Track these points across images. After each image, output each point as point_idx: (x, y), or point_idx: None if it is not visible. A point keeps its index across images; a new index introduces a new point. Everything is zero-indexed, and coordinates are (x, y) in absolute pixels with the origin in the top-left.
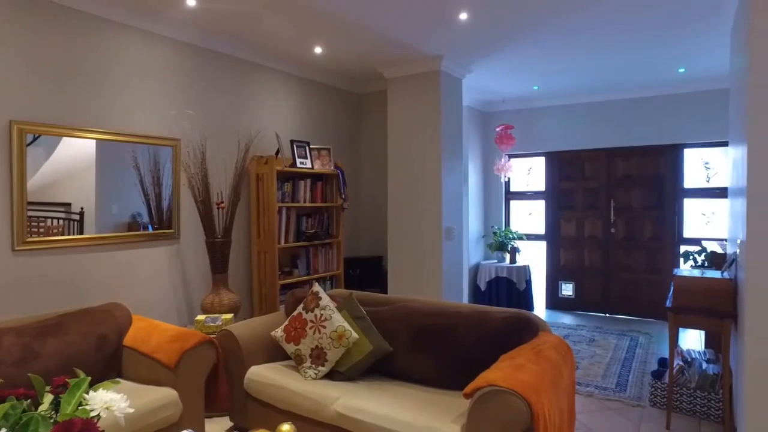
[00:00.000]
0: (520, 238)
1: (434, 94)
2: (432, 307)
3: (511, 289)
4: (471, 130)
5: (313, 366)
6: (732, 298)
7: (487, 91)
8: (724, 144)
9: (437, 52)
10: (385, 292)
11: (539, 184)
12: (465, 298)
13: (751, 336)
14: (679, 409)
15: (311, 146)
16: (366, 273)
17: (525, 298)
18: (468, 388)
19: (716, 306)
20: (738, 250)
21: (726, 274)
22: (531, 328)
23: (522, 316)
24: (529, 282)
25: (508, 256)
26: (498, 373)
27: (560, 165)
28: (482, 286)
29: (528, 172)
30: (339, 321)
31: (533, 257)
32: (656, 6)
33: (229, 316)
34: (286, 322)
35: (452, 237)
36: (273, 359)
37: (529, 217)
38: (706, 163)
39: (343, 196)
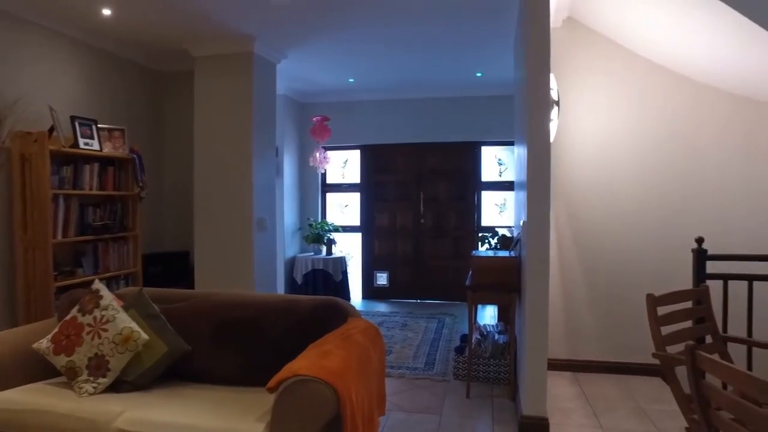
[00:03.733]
0: (336, 230)
1: (246, 78)
2: (237, 299)
3: (328, 281)
4: (287, 120)
5: (91, 379)
6: (517, 273)
7: (304, 81)
8: (512, 143)
9: (250, 31)
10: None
11: (355, 176)
12: (281, 293)
13: (530, 302)
14: (477, 378)
15: (99, 126)
16: (170, 270)
17: (342, 290)
18: (272, 382)
19: (506, 281)
20: (521, 231)
21: (513, 253)
22: (340, 314)
23: (330, 303)
24: (345, 273)
25: (324, 249)
26: (303, 362)
27: (375, 158)
28: (299, 280)
29: (344, 165)
30: (125, 322)
31: (349, 248)
32: (454, 12)
33: None
34: (56, 330)
35: (265, 228)
36: (42, 378)
37: (345, 209)
38: (499, 160)
39: (141, 184)
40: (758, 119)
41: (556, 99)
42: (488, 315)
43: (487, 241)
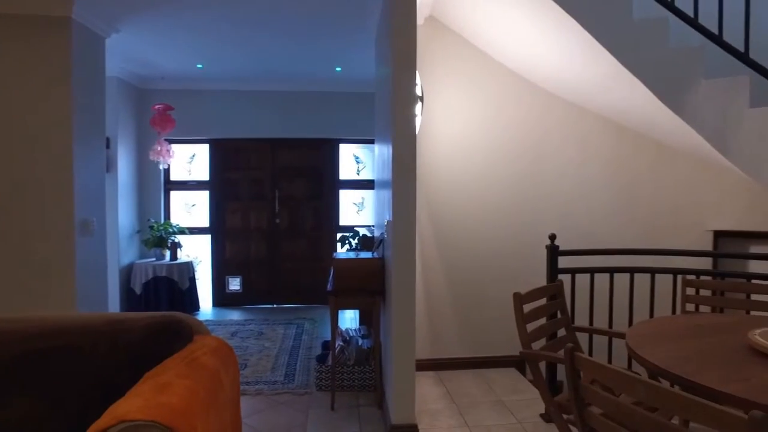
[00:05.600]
0: (182, 231)
1: (62, 49)
2: (38, 325)
3: (173, 289)
4: (121, 107)
5: None
6: (382, 276)
7: (143, 62)
8: (372, 141)
9: None
10: None
11: (203, 173)
12: (116, 307)
13: (397, 305)
14: (342, 387)
15: None
16: None
17: (189, 298)
18: None
19: (370, 284)
20: (385, 231)
21: (376, 254)
22: (183, 333)
23: (169, 320)
24: (193, 280)
25: (168, 253)
26: (134, 401)
27: (225, 153)
28: (138, 290)
29: (190, 160)
30: None
31: (197, 252)
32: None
33: None
34: None
35: (91, 232)
36: None
37: (192, 209)
38: (357, 158)
39: None
40: (589, 127)
41: (420, 95)
42: (348, 318)
43: (347, 241)
